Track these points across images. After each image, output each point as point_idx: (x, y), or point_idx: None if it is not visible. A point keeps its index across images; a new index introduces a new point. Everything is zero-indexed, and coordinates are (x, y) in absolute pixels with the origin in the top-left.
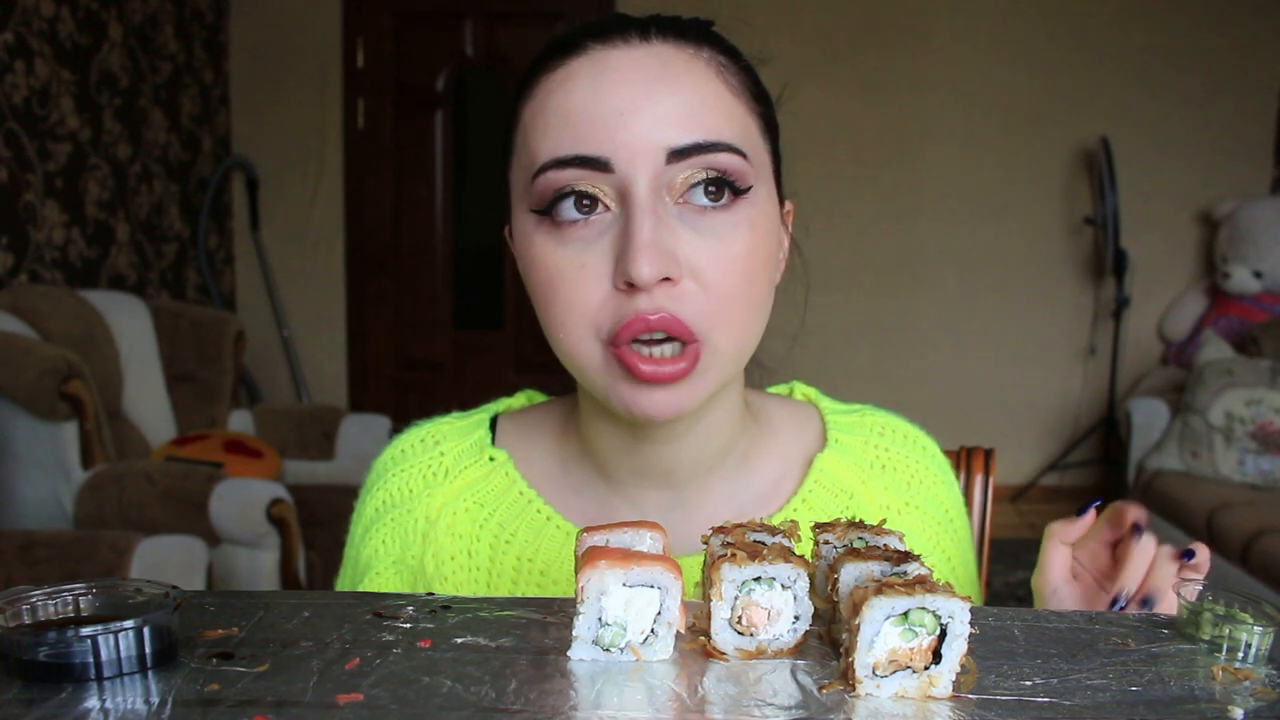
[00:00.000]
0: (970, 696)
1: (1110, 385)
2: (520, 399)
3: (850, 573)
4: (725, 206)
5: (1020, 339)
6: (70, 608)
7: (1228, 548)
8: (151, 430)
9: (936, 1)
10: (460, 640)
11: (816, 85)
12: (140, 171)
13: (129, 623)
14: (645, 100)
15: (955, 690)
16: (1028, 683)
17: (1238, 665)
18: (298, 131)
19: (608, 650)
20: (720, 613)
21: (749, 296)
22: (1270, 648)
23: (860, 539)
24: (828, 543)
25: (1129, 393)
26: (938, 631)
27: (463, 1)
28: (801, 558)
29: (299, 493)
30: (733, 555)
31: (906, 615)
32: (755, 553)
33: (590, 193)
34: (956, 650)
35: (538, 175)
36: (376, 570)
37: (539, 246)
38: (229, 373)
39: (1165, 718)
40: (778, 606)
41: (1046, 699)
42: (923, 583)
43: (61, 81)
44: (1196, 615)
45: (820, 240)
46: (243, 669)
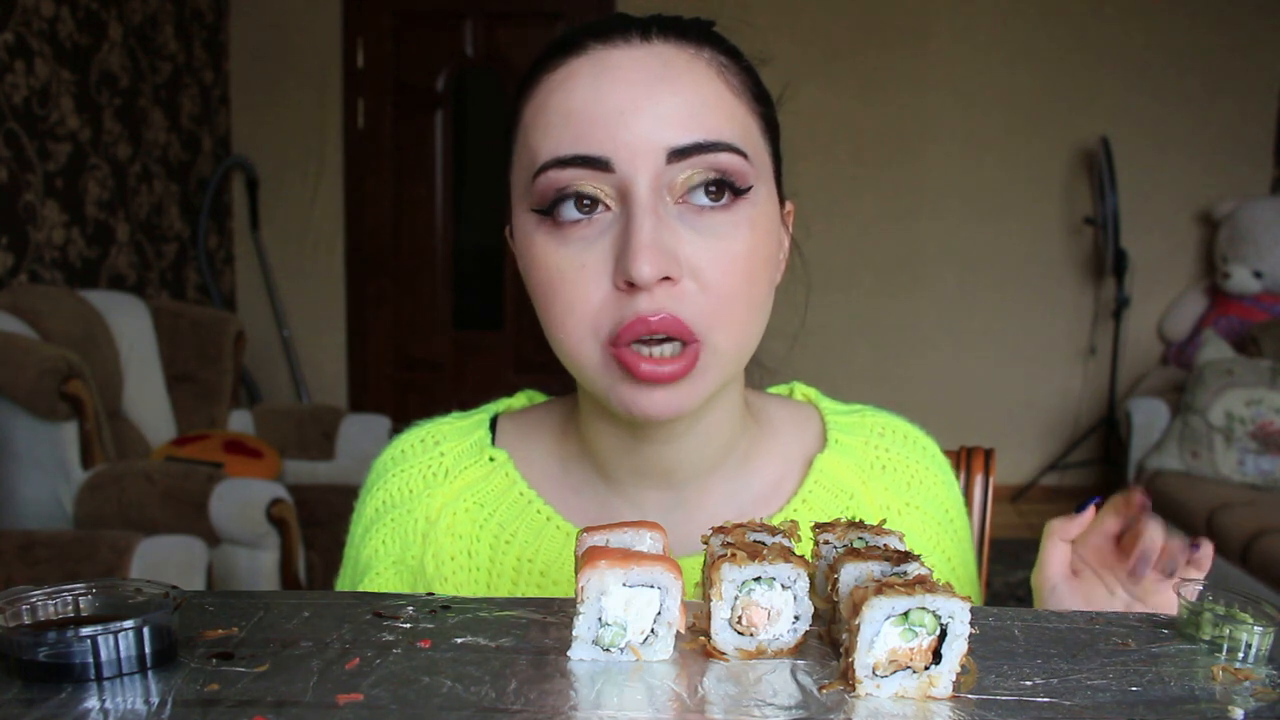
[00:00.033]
0: (970, 696)
1: (1110, 385)
2: (520, 399)
3: (850, 573)
4: (725, 206)
5: (1020, 339)
6: (70, 608)
7: (1228, 548)
8: (151, 430)
9: (936, 1)
10: (460, 640)
11: (816, 85)
12: (140, 171)
13: (129, 623)
14: (646, 100)
15: (955, 690)
16: (1028, 683)
17: (1238, 665)
18: (298, 131)
19: (608, 650)
20: (720, 613)
21: (749, 296)
22: (1270, 648)
23: (860, 539)
24: (828, 543)
25: (1129, 393)
26: (938, 631)
27: (463, 1)
28: (801, 558)
29: (299, 493)
30: (733, 555)
31: (906, 615)
32: (755, 553)
33: (591, 193)
34: (956, 650)
35: (538, 175)
36: (376, 570)
37: (539, 246)
38: (229, 373)
39: (1165, 718)
40: (778, 606)
41: (1046, 699)
42: (923, 583)
43: (61, 81)
44: (1196, 615)
45: (820, 240)
46: (243, 669)
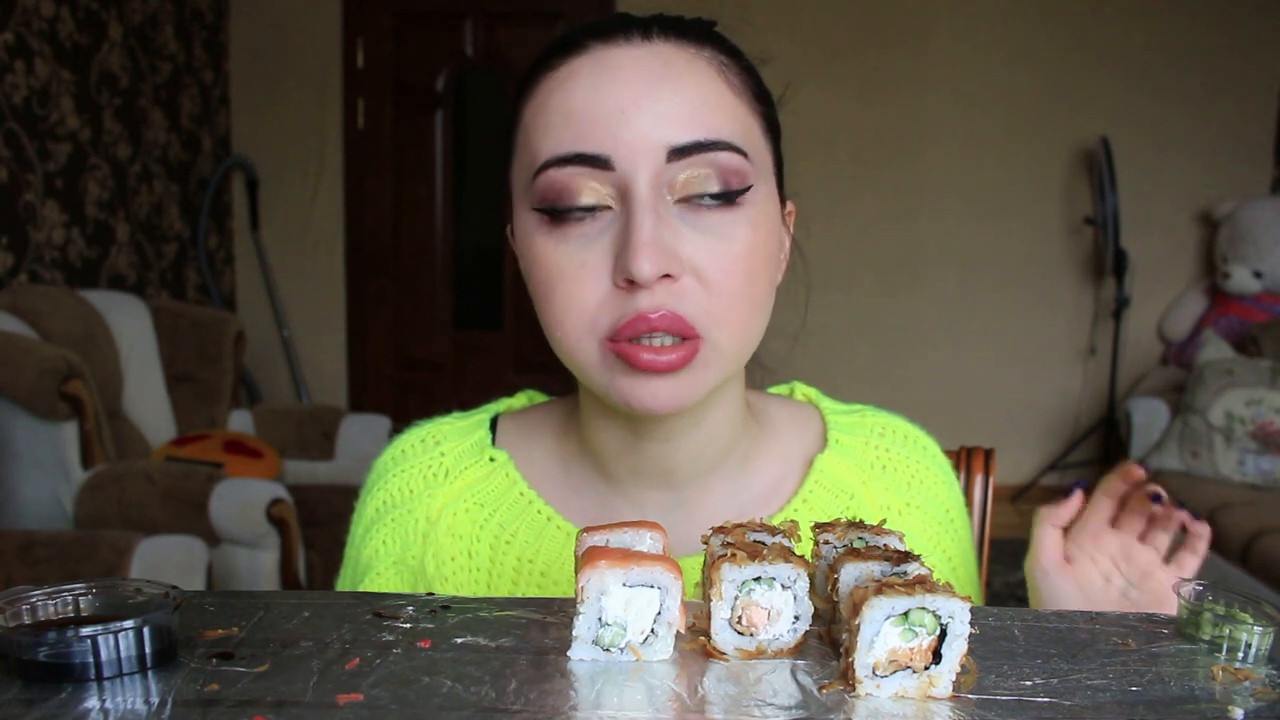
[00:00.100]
0: (970, 696)
1: (1110, 385)
2: (521, 399)
3: (850, 573)
4: (726, 205)
5: (1020, 339)
6: (70, 608)
7: (1228, 548)
8: (151, 430)
9: (936, 1)
10: (460, 640)
11: (816, 85)
12: (140, 171)
13: (129, 623)
14: (646, 99)
15: (955, 690)
16: (1028, 683)
17: (1238, 665)
18: (298, 131)
19: (608, 650)
20: (720, 613)
21: (750, 295)
22: (1270, 648)
23: (860, 539)
24: (828, 543)
25: (1129, 393)
26: (938, 631)
27: (463, 1)
28: (801, 558)
29: (299, 493)
30: (733, 555)
31: (906, 615)
32: (755, 553)
33: (591, 192)
34: (956, 650)
35: (539, 173)
36: (377, 570)
37: (540, 245)
38: (229, 373)
39: (1165, 718)
40: (778, 606)
41: (1046, 699)
42: (923, 583)
43: (61, 81)
44: (1196, 615)
45: (820, 240)
46: (243, 669)
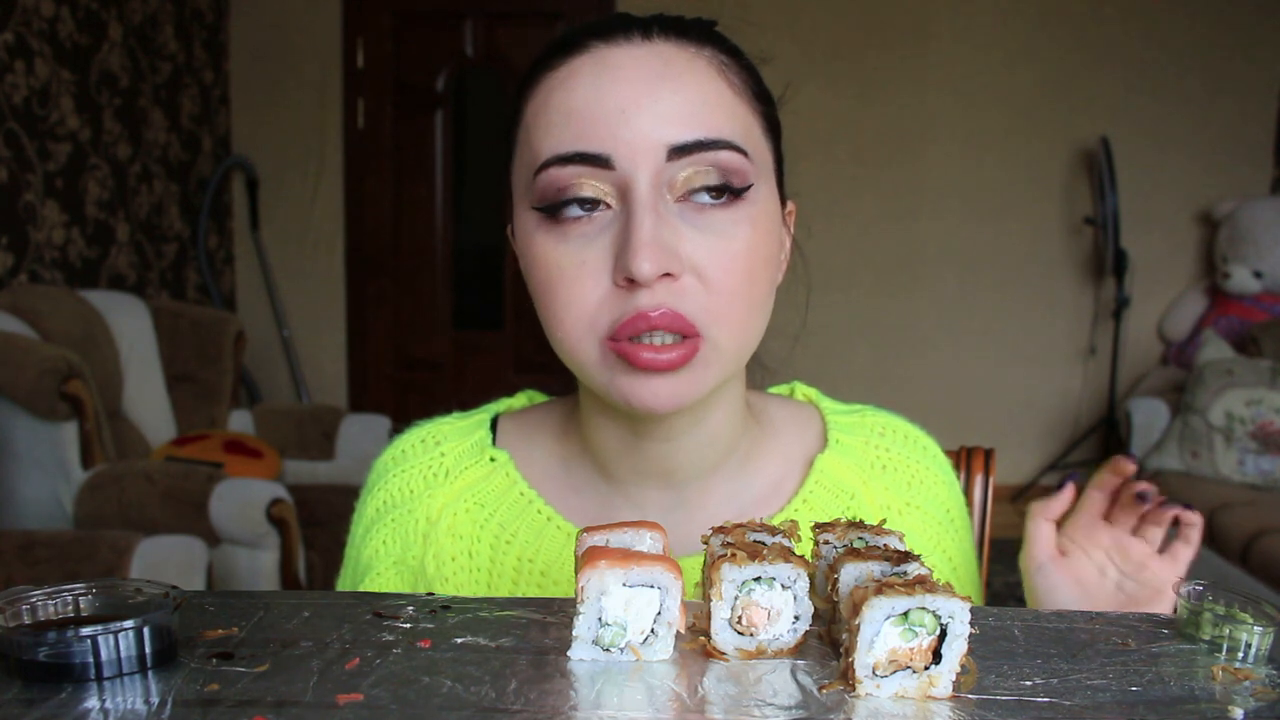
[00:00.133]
0: (970, 696)
1: (1110, 385)
2: (521, 399)
3: (850, 573)
4: (726, 204)
5: (1020, 339)
6: (70, 608)
7: (1228, 548)
8: (151, 430)
9: (936, 1)
10: (460, 640)
11: (817, 85)
12: (140, 171)
13: (129, 623)
14: (647, 98)
15: (955, 690)
16: (1028, 683)
17: (1238, 665)
18: (298, 131)
19: (608, 650)
20: (720, 613)
21: (750, 295)
22: (1270, 648)
23: (860, 539)
24: (828, 543)
25: (1129, 393)
26: (938, 631)
27: (463, 1)
28: (801, 558)
29: (299, 493)
30: (733, 555)
31: (906, 615)
32: (755, 553)
33: (591, 191)
34: (956, 650)
35: (539, 172)
36: (377, 571)
37: (540, 244)
38: (229, 373)
39: (1165, 718)
40: (778, 606)
41: (1046, 699)
42: (923, 583)
43: (61, 81)
44: (1196, 615)
45: (820, 240)
46: (243, 669)
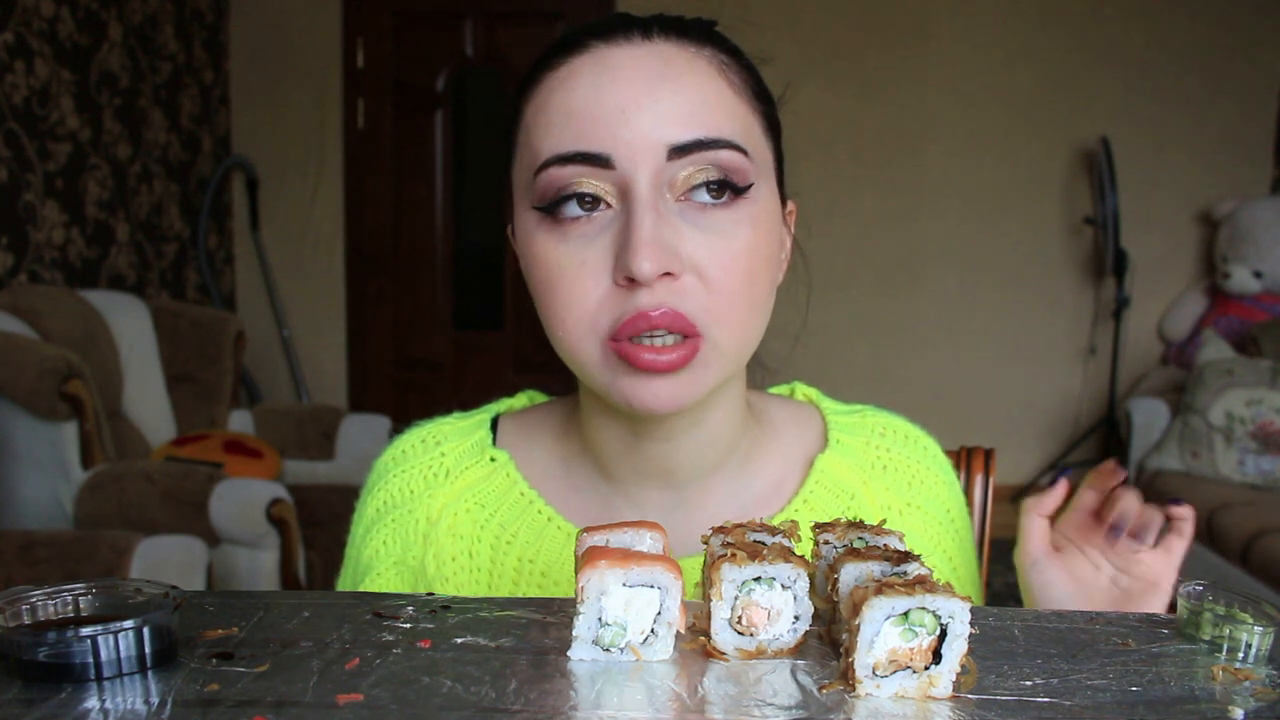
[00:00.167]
0: (970, 696)
1: (1110, 385)
2: (521, 399)
3: (850, 573)
4: (726, 204)
5: (1020, 339)
6: (70, 608)
7: (1228, 548)
8: (151, 430)
9: (936, 1)
10: (460, 640)
11: (817, 85)
12: (140, 171)
13: (129, 623)
14: (647, 98)
15: (955, 690)
16: (1028, 683)
17: (1238, 665)
18: (298, 131)
19: (608, 650)
20: (720, 613)
21: (750, 294)
22: (1270, 648)
23: (860, 539)
24: (828, 543)
25: (1129, 393)
26: (938, 631)
27: (463, 1)
28: (801, 558)
29: (299, 493)
30: (733, 555)
31: (906, 615)
32: (755, 553)
33: (591, 190)
34: (956, 650)
35: (539, 172)
36: (377, 571)
37: (540, 244)
38: (229, 373)
39: (1165, 718)
40: (778, 606)
41: (1046, 699)
42: (923, 583)
43: (61, 81)
44: (1196, 615)
45: (820, 240)
46: (243, 669)
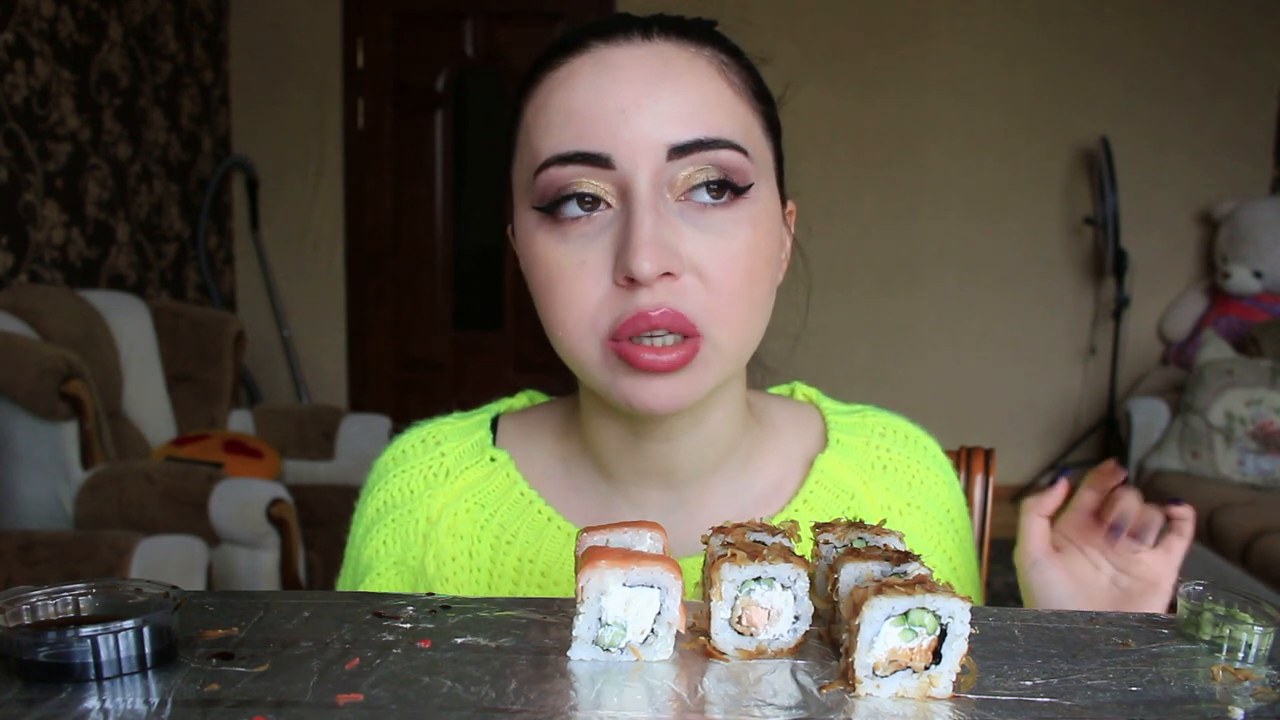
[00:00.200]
0: (970, 696)
1: (1110, 385)
2: (521, 399)
3: (850, 573)
4: (726, 204)
5: (1020, 339)
6: (70, 608)
7: (1228, 548)
8: (151, 430)
9: (936, 1)
10: (460, 640)
11: (817, 85)
12: (140, 171)
13: (129, 623)
14: (647, 98)
15: (955, 690)
16: (1028, 683)
17: (1238, 665)
18: (298, 131)
19: (608, 650)
20: (720, 613)
21: (750, 294)
22: (1270, 648)
23: (860, 539)
24: (828, 543)
25: (1129, 393)
26: (938, 631)
27: (463, 1)
28: (801, 558)
29: (299, 493)
30: (733, 555)
31: (906, 615)
32: (755, 553)
33: (591, 190)
34: (956, 650)
35: (539, 172)
36: (377, 571)
37: (540, 244)
38: (229, 373)
39: (1165, 718)
40: (778, 606)
41: (1046, 699)
42: (923, 583)
43: (61, 81)
44: (1196, 615)
45: (820, 240)
46: (243, 669)
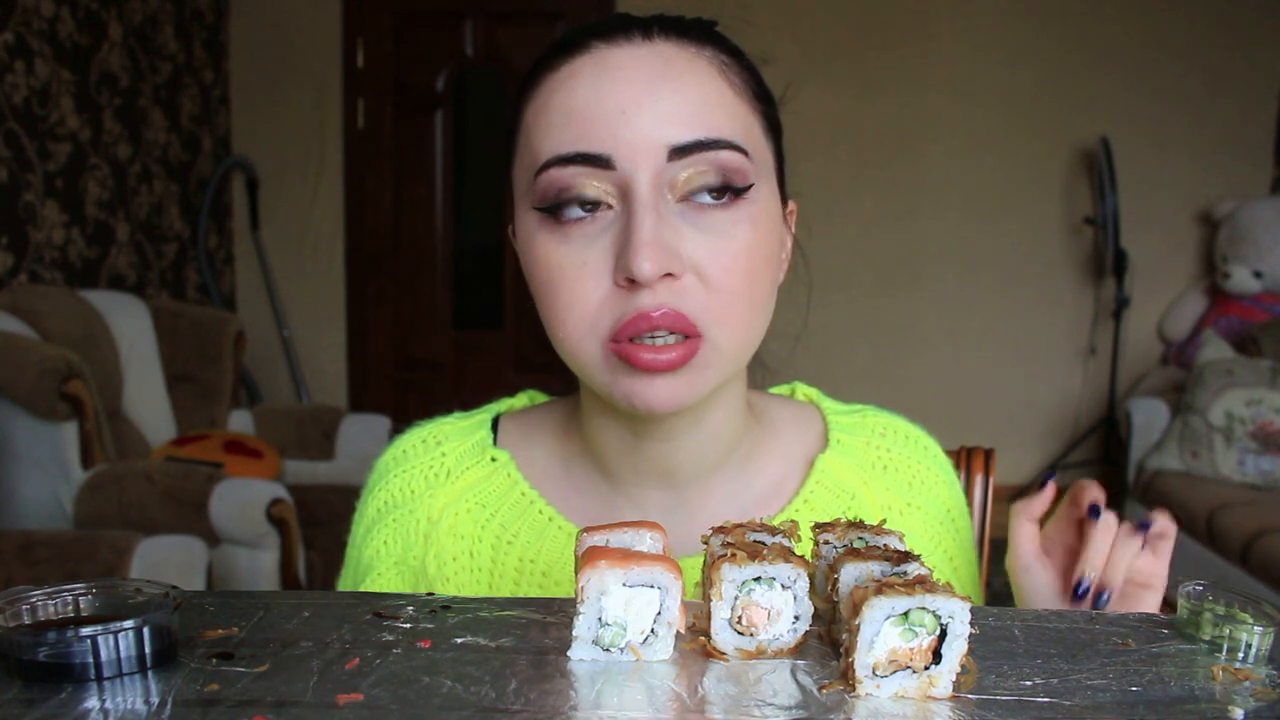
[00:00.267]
0: (970, 696)
1: (1110, 385)
2: (522, 399)
3: (850, 573)
4: (727, 204)
5: (1020, 339)
6: (70, 608)
7: (1228, 548)
8: (151, 430)
9: (936, 1)
10: (460, 640)
11: (817, 85)
12: (140, 171)
13: (129, 623)
14: (647, 98)
15: (955, 690)
16: (1028, 683)
17: (1238, 665)
18: (298, 131)
19: (608, 650)
20: (720, 613)
21: (751, 294)
22: (1270, 648)
23: (860, 539)
24: (828, 543)
25: (1129, 393)
26: (938, 631)
27: (463, 1)
28: (801, 558)
29: (299, 493)
30: (733, 555)
31: (906, 615)
32: (755, 553)
33: (592, 191)
34: (956, 650)
35: (540, 173)
36: (378, 571)
37: (541, 245)
38: (229, 373)
39: (1165, 718)
40: (778, 606)
41: (1046, 699)
42: (923, 583)
43: (61, 81)
44: (1196, 615)
45: (820, 240)
46: (243, 669)
